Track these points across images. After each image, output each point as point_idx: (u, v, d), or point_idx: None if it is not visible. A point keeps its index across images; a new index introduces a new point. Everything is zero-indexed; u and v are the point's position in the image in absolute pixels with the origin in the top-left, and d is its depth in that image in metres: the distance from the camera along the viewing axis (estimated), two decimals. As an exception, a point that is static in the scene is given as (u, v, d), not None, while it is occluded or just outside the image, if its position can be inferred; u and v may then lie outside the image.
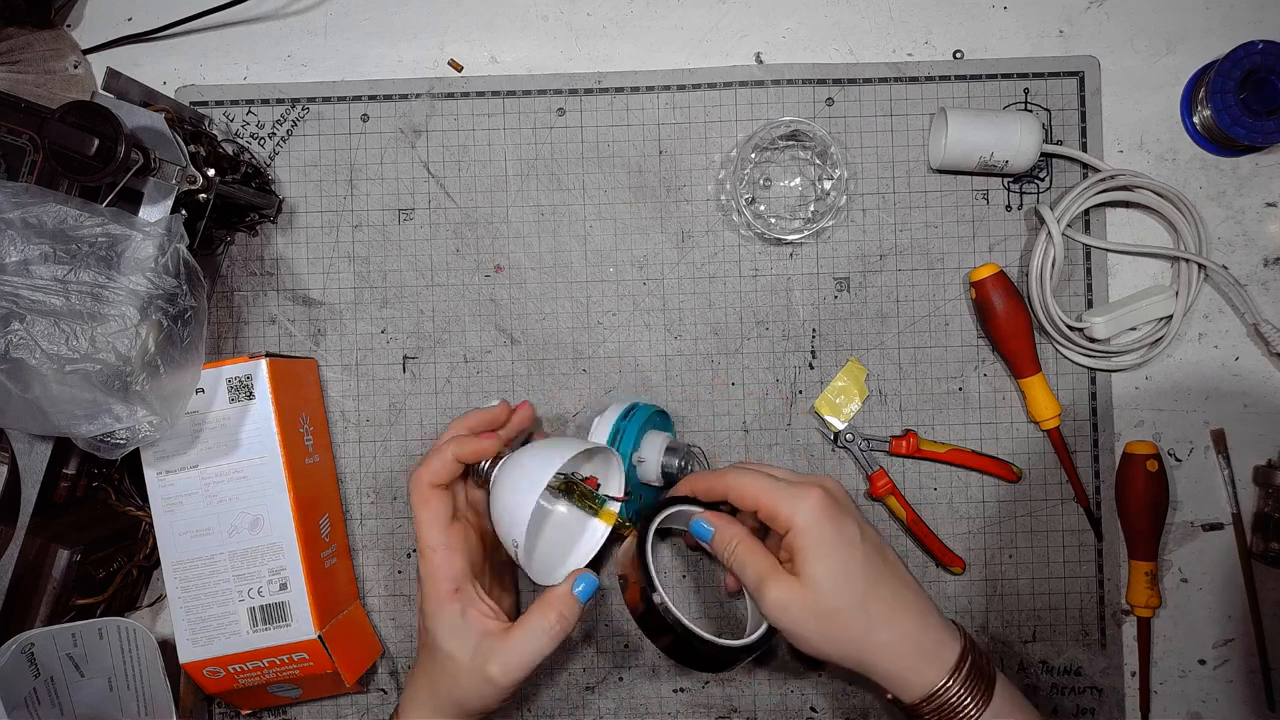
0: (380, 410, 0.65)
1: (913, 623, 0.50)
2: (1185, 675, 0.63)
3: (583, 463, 0.58)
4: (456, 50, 0.66)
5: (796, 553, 0.50)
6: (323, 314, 0.65)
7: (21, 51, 0.64)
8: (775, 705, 0.64)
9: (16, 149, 0.55)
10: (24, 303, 0.47)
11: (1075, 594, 0.63)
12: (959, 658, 0.50)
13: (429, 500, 0.53)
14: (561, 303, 0.65)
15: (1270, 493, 0.62)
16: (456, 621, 0.52)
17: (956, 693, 0.49)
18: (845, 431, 0.63)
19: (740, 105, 0.65)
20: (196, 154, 0.56)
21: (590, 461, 0.58)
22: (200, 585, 0.57)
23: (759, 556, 0.52)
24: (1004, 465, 0.63)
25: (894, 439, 0.63)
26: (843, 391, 0.64)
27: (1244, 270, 0.64)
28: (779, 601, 0.50)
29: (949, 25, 0.65)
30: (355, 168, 0.66)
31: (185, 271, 0.51)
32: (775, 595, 0.50)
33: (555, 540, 0.59)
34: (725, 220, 0.65)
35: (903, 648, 0.50)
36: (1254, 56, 0.60)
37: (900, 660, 0.50)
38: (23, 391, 0.47)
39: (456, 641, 0.52)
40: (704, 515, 0.55)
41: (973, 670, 0.49)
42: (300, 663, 0.57)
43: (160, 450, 0.57)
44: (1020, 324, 0.61)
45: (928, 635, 0.50)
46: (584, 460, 0.58)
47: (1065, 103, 0.64)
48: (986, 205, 0.64)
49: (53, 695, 0.56)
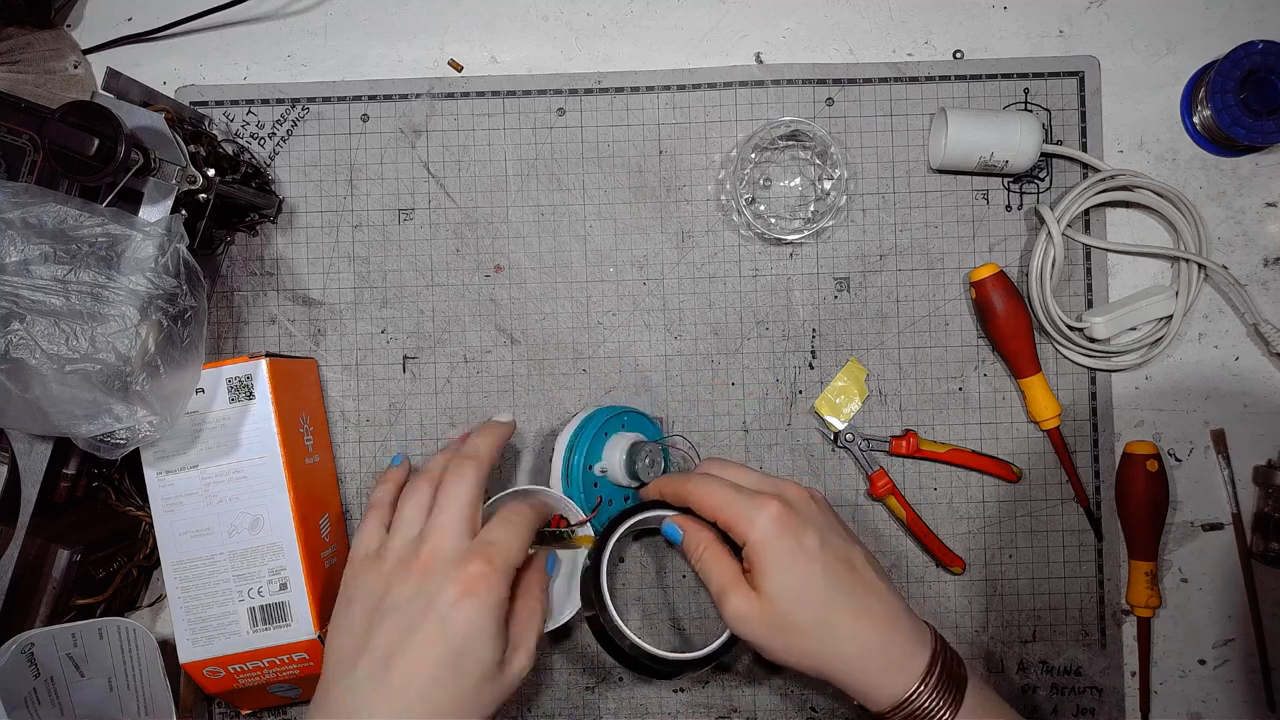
0: (380, 410, 0.65)
1: (878, 635, 0.49)
2: (1185, 675, 0.63)
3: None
4: (456, 50, 0.66)
5: (754, 566, 0.50)
6: (323, 314, 0.65)
7: (21, 51, 0.64)
8: (775, 705, 0.64)
9: (16, 149, 0.55)
10: (24, 303, 0.47)
11: (1075, 594, 0.63)
12: (928, 664, 0.49)
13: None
14: (561, 303, 0.65)
15: (1270, 493, 0.62)
16: (499, 622, 0.50)
17: (926, 699, 0.48)
18: (845, 431, 0.63)
19: (740, 105, 0.65)
20: (196, 154, 0.56)
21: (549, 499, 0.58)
22: (200, 585, 0.57)
23: (722, 566, 0.51)
24: (1004, 465, 0.63)
25: (894, 439, 0.63)
26: (843, 391, 0.64)
27: (1244, 270, 0.64)
28: (737, 613, 0.50)
29: (949, 25, 0.65)
30: (355, 168, 0.66)
31: (185, 271, 0.51)
32: (734, 607, 0.50)
33: (554, 585, 0.59)
34: (725, 220, 0.65)
35: (867, 660, 0.49)
36: (1254, 56, 0.60)
37: (865, 673, 0.49)
38: (23, 391, 0.47)
39: (497, 645, 0.50)
40: (675, 518, 0.55)
41: (943, 675, 0.49)
42: (300, 663, 0.57)
43: (160, 450, 0.57)
44: (1020, 324, 0.61)
45: (894, 646, 0.49)
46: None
47: (1065, 103, 0.64)
48: (986, 205, 0.64)
49: (53, 695, 0.56)
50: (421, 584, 0.49)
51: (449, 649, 0.47)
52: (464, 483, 0.52)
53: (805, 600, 0.49)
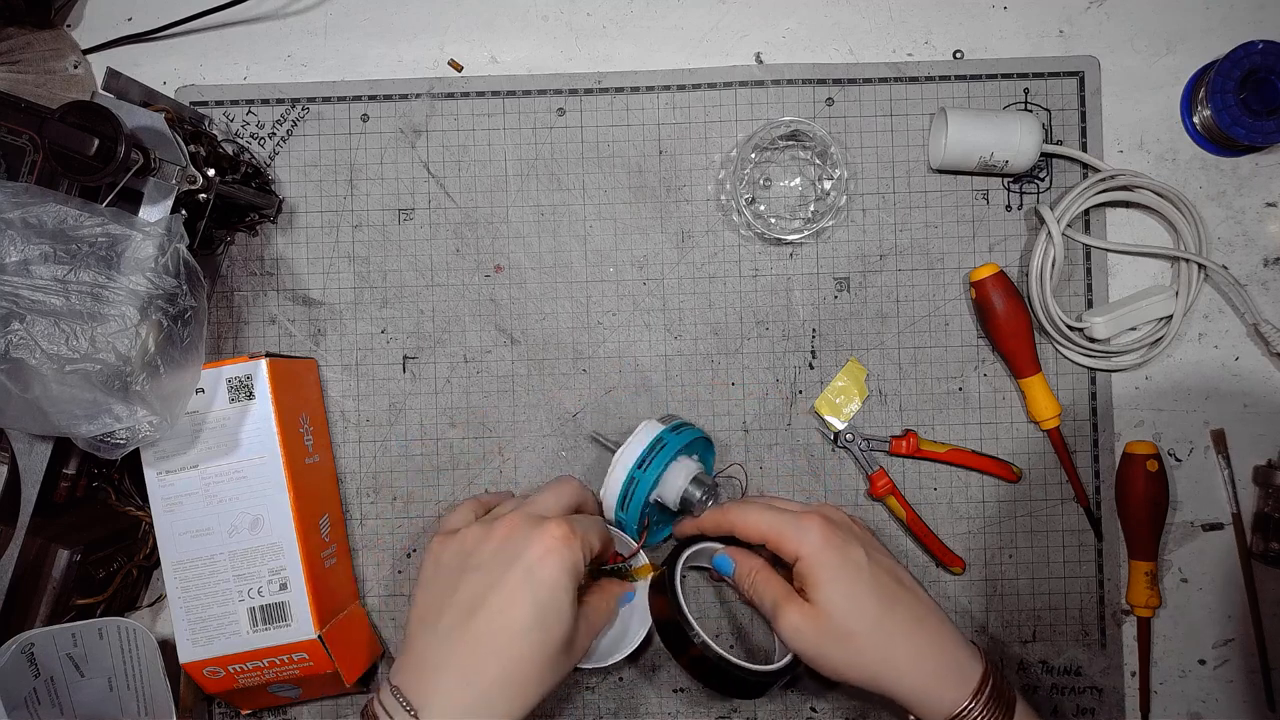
0: (380, 410, 0.65)
1: (931, 644, 0.51)
2: (1185, 675, 0.63)
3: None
4: (456, 50, 0.66)
5: (806, 579, 0.52)
6: (323, 314, 0.65)
7: (21, 51, 0.64)
8: (775, 705, 0.64)
9: (16, 149, 0.55)
10: (24, 303, 0.47)
11: (1075, 594, 0.63)
12: (981, 679, 0.50)
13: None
14: (561, 303, 0.65)
15: (1270, 493, 0.62)
16: (572, 604, 0.51)
17: (979, 715, 0.49)
18: (845, 431, 0.63)
19: (740, 105, 0.65)
20: (196, 154, 0.56)
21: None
22: (200, 585, 0.57)
23: (774, 585, 0.53)
24: (1004, 465, 0.63)
25: (894, 439, 0.63)
26: (843, 391, 0.64)
27: (1244, 270, 0.64)
28: (793, 625, 0.51)
29: (949, 25, 0.65)
30: (355, 168, 0.66)
31: (185, 271, 0.51)
32: (789, 620, 0.51)
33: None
34: (725, 220, 0.65)
35: (922, 668, 0.50)
36: (1254, 56, 0.60)
37: (921, 681, 0.50)
38: (23, 391, 0.47)
39: (579, 623, 0.52)
40: (725, 550, 0.57)
41: (994, 693, 0.49)
42: (300, 663, 0.57)
43: (160, 450, 0.57)
44: (1020, 324, 0.61)
45: (947, 656, 0.50)
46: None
47: (1065, 103, 0.64)
48: (986, 205, 0.64)
49: (53, 695, 0.56)
50: (506, 541, 0.50)
51: (534, 601, 0.48)
52: (564, 485, 0.55)
53: (858, 609, 0.50)
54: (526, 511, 0.52)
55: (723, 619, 0.64)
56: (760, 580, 0.54)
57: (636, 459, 0.57)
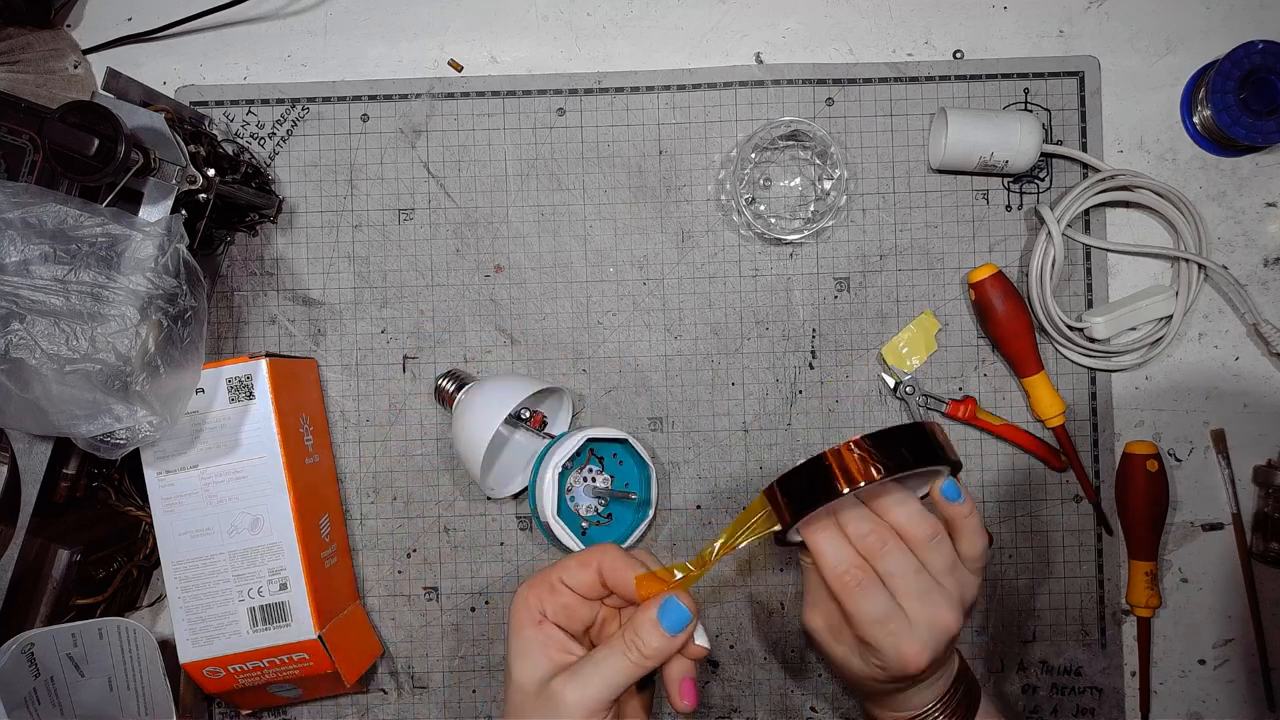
0: (380, 410, 0.65)
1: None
2: (1185, 675, 0.63)
3: (538, 400, 0.64)
4: (456, 50, 0.66)
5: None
6: (323, 314, 0.65)
7: (21, 51, 0.64)
8: (775, 705, 0.64)
9: (16, 149, 0.55)
10: (24, 303, 0.47)
11: (1075, 594, 0.63)
12: (953, 682, 0.49)
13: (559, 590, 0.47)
14: (561, 303, 0.65)
15: (1270, 493, 0.62)
16: (530, 644, 0.45)
17: (939, 716, 0.49)
18: (906, 384, 0.63)
19: (740, 105, 0.65)
20: (196, 154, 0.56)
21: (546, 400, 0.64)
22: (200, 585, 0.57)
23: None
24: (1053, 452, 0.63)
25: (953, 401, 0.63)
26: (909, 342, 0.63)
27: (1244, 270, 0.64)
28: (814, 626, 0.50)
29: (949, 25, 0.65)
30: (355, 168, 0.66)
31: (185, 271, 0.51)
32: (813, 621, 0.50)
33: (507, 461, 0.65)
34: (725, 220, 0.65)
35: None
36: (1254, 56, 0.60)
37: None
38: (23, 391, 0.47)
39: (526, 663, 0.45)
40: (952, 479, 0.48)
41: (963, 697, 0.49)
42: (300, 663, 0.57)
43: (160, 450, 0.57)
44: (1020, 324, 0.61)
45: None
46: (539, 399, 0.64)
47: (1065, 103, 0.64)
48: (986, 205, 0.64)
49: (53, 695, 0.56)
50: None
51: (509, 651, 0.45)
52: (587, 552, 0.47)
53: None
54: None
55: (732, 617, 0.64)
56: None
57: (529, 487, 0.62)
